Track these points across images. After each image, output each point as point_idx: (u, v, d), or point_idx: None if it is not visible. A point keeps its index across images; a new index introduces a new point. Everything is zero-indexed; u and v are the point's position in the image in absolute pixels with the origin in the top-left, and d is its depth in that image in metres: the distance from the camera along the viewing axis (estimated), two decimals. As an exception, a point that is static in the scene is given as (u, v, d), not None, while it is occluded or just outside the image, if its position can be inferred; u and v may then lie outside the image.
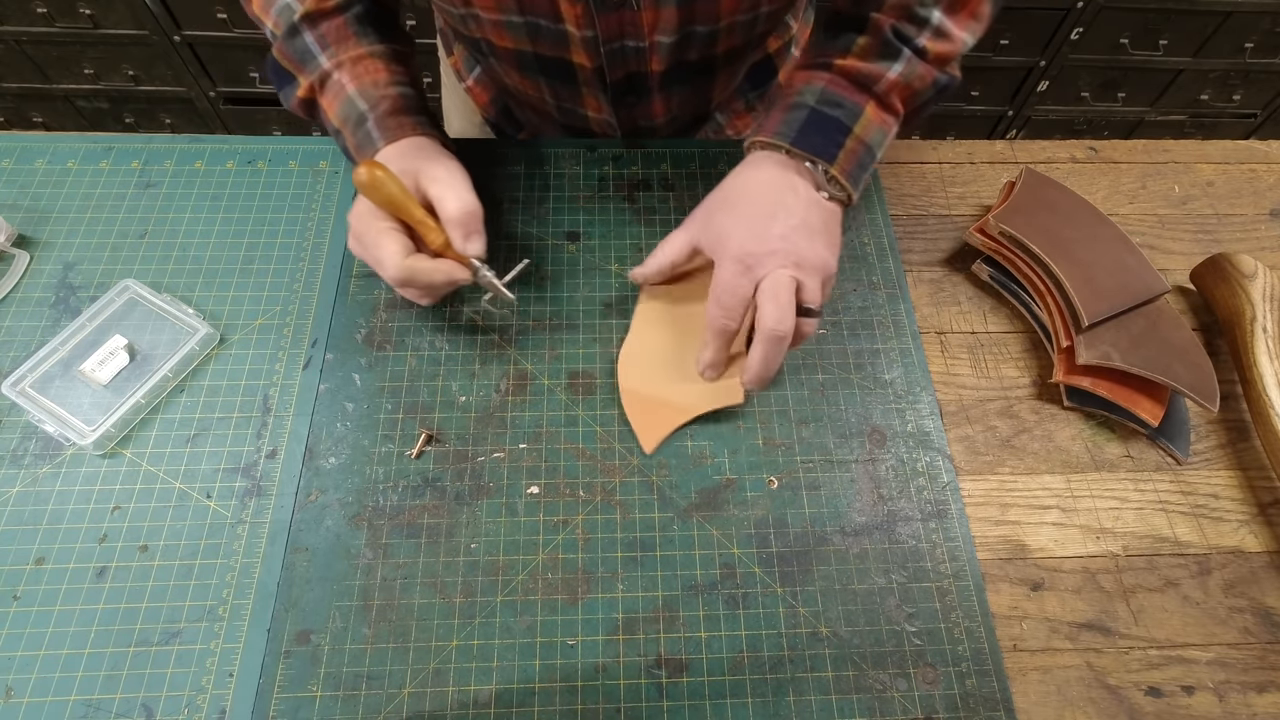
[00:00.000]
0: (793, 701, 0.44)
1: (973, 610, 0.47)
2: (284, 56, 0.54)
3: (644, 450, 0.51)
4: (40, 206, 0.59)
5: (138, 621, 0.45)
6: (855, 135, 0.51)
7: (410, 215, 0.48)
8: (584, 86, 0.62)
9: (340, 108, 0.53)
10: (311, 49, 0.53)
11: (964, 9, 0.52)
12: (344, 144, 0.54)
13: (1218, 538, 0.50)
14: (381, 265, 0.48)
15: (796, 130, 0.51)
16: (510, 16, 0.55)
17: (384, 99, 0.52)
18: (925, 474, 0.51)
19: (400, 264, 0.47)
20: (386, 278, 0.48)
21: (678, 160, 0.64)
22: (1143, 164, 0.67)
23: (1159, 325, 0.53)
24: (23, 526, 0.48)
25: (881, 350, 0.56)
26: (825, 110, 0.51)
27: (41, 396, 0.51)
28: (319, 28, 0.53)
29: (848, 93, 0.52)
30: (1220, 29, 1.44)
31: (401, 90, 0.53)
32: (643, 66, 0.60)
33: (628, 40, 0.57)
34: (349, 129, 0.53)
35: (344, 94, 0.52)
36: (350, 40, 0.53)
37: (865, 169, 0.52)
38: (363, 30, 0.54)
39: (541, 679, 0.44)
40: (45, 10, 1.36)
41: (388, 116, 0.52)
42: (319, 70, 0.53)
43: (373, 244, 0.48)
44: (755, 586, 0.47)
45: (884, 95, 0.52)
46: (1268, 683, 0.46)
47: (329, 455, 0.51)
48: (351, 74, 0.52)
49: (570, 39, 0.56)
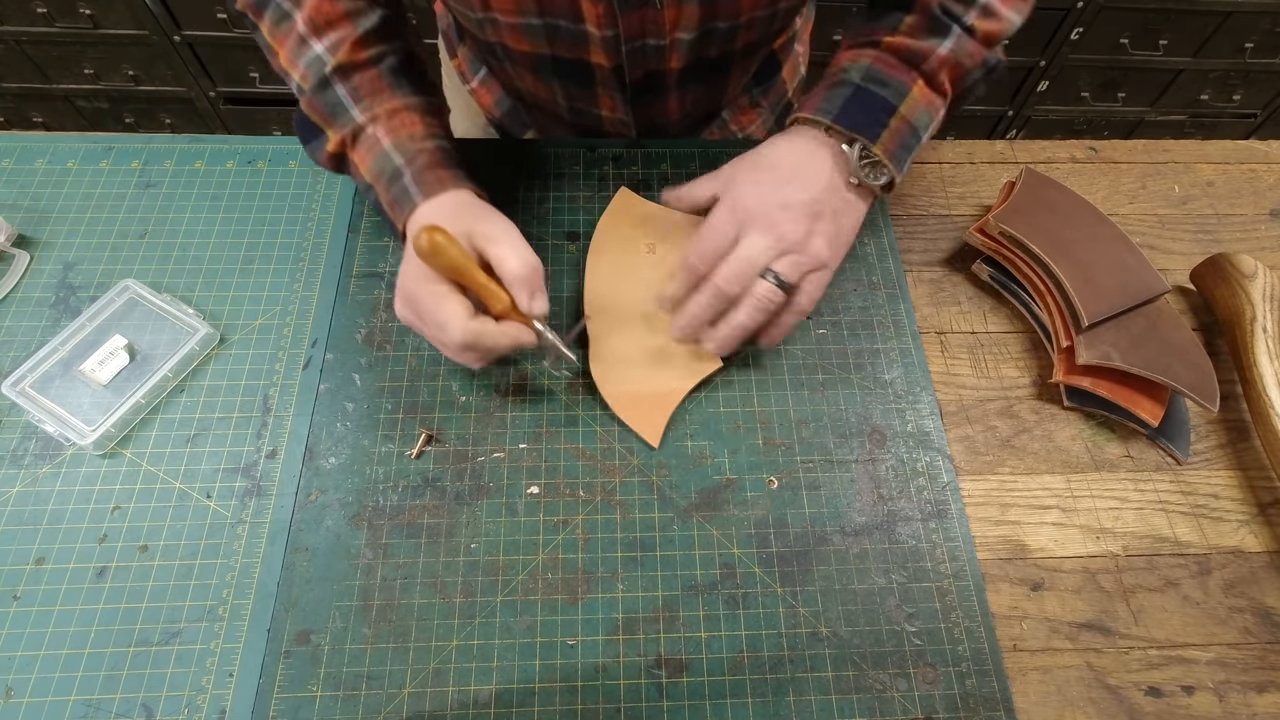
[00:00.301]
0: (793, 701, 0.44)
1: (973, 610, 0.47)
2: (314, 110, 0.52)
3: (651, 445, 0.51)
4: (40, 206, 0.59)
5: (138, 621, 0.45)
6: (900, 114, 0.50)
7: (473, 280, 0.46)
8: (600, 87, 0.62)
9: (374, 162, 0.51)
10: (344, 102, 0.51)
11: None
12: (375, 199, 0.51)
13: (1218, 538, 0.50)
14: (445, 330, 0.45)
15: (839, 107, 0.50)
16: (530, 19, 0.54)
17: (421, 153, 0.50)
18: (925, 474, 0.51)
19: (466, 327, 0.45)
20: (450, 343, 0.46)
21: (678, 160, 0.64)
22: (1143, 164, 0.67)
23: (1159, 325, 0.53)
24: (23, 526, 0.48)
25: (881, 350, 0.56)
26: (871, 88, 0.50)
27: (41, 396, 0.51)
28: (352, 80, 0.51)
29: (895, 70, 0.51)
30: (1220, 29, 1.44)
31: (438, 144, 0.51)
32: (662, 64, 0.59)
33: (649, 39, 0.56)
34: (383, 183, 0.50)
35: (379, 148, 0.50)
36: (385, 93, 0.51)
37: (910, 150, 0.51)
38: (397, 82, 0.52)
39: (541, 679, 0.44)
40: (45, 10, 1.36)
41: (425, 171, 0.50)
42: (352, 124, 0.51)
43: (433, 309, 0.45)
44: (755, 586, 0.47)
45: (933, 73, 0.51)
46: (1268, 683, 0.46)
47: (329, 455, 0.51)
48: (387, 127, 0.50)
49: (590, 39, 0.56)
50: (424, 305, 0.46)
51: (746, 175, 0.51)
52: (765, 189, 0.50)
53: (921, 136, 0.52)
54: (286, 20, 0.51)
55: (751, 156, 0.52)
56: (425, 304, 0.46)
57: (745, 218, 0.49)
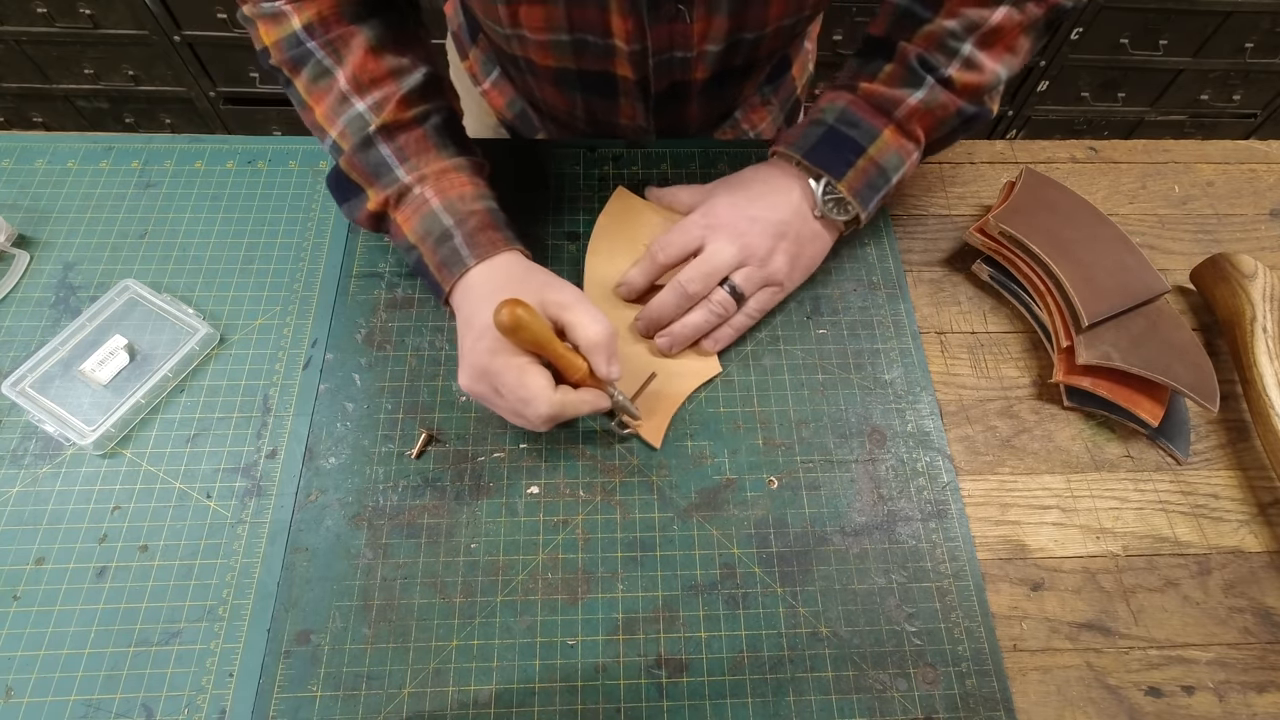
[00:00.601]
0: (793, 701, 0.44)
1: (973, 610, 0.47)
2: (354, 169, 0.51)
3: (654, 446, 0.51)
4: (40, 206, 0.59)
5: (138, 621, 0.45)
6: (869, 155, 0.53)
7: (553, 350, 0.45)
8: (623, 97, 0.63)
9: (420, 223, 0.50)
10: (388, 161, 0.50)
11: (999, 42, 0.53)
12: (419, 259, 0.50)
13: (1218, 538, 0.50)
14: (530, 404, 0.45)
15: (811, 145, 0.53)
16: (559, 35, 0.55)
17: (472, 214, 0.49)
18: (925, 474, 0.51)
19: (553, 399, 0.45)
20: (535, 416, 0.45)
21: (677, 160, 0.64)
22: (1143, 164, 0.67)
23: (1159, 325, 0.53)
24: (23, 526, 0.48)
25: (881, 350, 0.56)
26: (842, 129, 0.53)
27: (41, 396, 0.51)
28: (397, 140, 0.50)
29: (867, 115, 0.53)
30: (1220, 29, 1.44)
31: (488, 205, 0.51)
32: (687, 75, 0.61)
33: (676, 51, 0.57)
34: (429, 244, 0.49)
35: (426, 208, 0.49)
36: (431, 153, 0.51)
37: (877, 190, 0.54)
38: (442, 142, 0.51)
39: (541, 679, 0.44)
40: (45, 10, 1.36)
41: (478, 232, 0.49)
42: (397, 184, 0.50)
43: (516, 384, 0.45)
44: (755, 586, 0.47)
45: (903, 121, 0.53)
46: (1268, 683, 0.46)
47: (329, 455, 0.51)
48: (435, 188, 0.50)
49: (616, 53, 0.56)
50: (504, 379, 0.45)
51: (723, 190, 0.55)
52: (738, 203, 0.53)
53: (891, 178, 0.54)
54: (326, 76, 0.50)
55: (732, 177, 0.57)
56: (506, 378, 0.45)
57: (715, 224, 0.52)
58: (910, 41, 0.53)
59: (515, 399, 0.45)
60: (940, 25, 0.52)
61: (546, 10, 0.53)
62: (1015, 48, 0.54)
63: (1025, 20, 0.53)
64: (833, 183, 0.53)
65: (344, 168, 0.51)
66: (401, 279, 0.57)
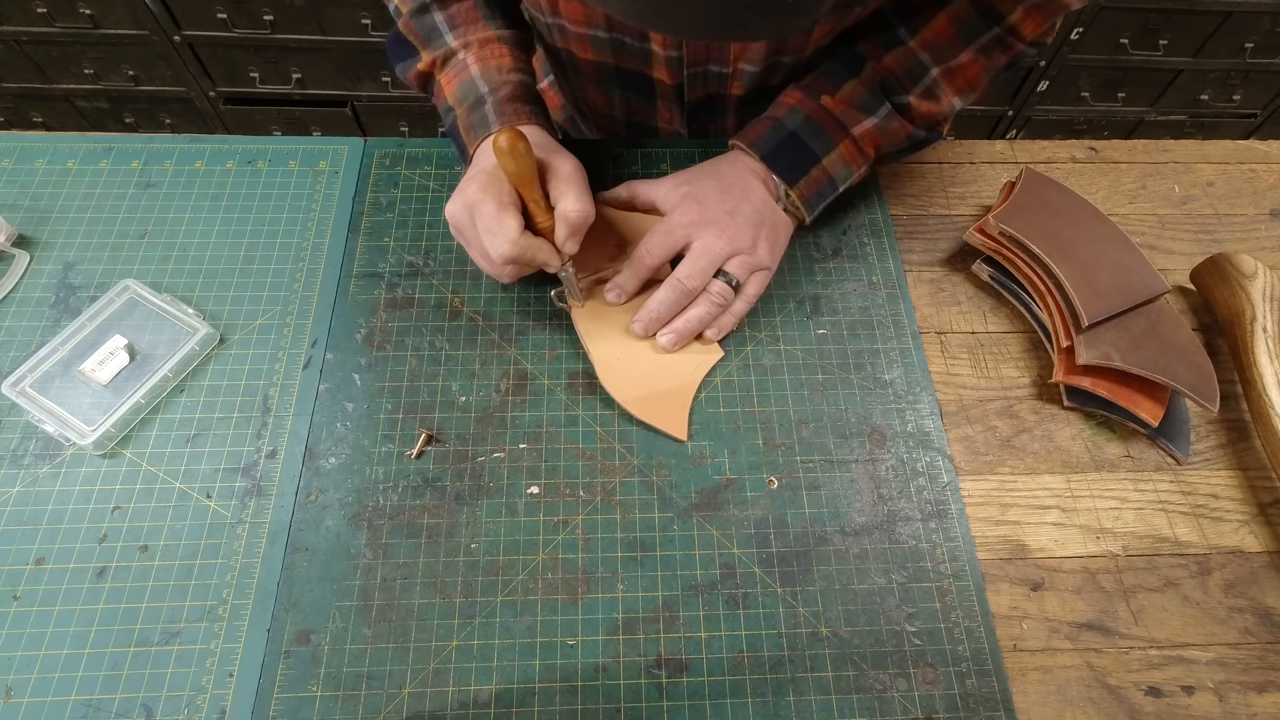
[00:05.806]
0: (793, 701, 0.44)
1: (973, 610, 0.47)
2: (410, 31, 0.56)
3: (680, 440, 0.52)
4: (40, 206, 0.59)
5: (138, 621, 0.45)
6: (822, 166, 0.56)
7: (531, 195, 0.49)
8: (660, 100, 0.64)
9: (459, 87, 0.54)
10: (439, 27, 0.55)
11: (961, 76, 0.56)
12: (453, 121, 0.55)
13: (1218, 538, 0.50)
14: (496, 238, 0.48)
15: (771, 148, 0.56)
16: (597, 31, 0.57)
17: (505, 84, 0.53)
18: (925, 474, 0.51)
19: (517, 240, 0.48)
20: (496, 252, 0.48)
21: (677, 160, 0.64)
22: (1143, 164, 0.67)
23: (1159, 325, 0.53)
24: (23, 526, 0.48)
25: (881, 350, 0.56)
26: (802, 138, 0.55)
27: (41, 396, 0.51)
28: (449, 8, 0.55)
29: (827, 127, 0.55)
30: (1220, 29, 1.44)
31: (522, 78, 0.55)
32: (722, 89, 0.62)
33: (712, 64, 0.59)
34: (464, 108, 0.54)
35: (466, 74, 0.54)
36: (479, 22, 0.55)
37: (824, 198, 0.57)
38: (490, 14, 0.56)
39: (541, 679, 0.44)
40: (45, 10, 1.36)
41: (506, 102, 0.53)
42: (444, 48, 0.55)
43: (491, 218, 0.48)
44: (755, 586, 0.47)
45: (857, 139, 0.56)
46: (1268, 683, 0.46)
47: (329, 455, 0.51)
48: (477, 55, 0.54)
49: (654, 56, 0.58)
50: (482, 210, 0.48)
51: (692, 189, 0.55)
52: (714, 198, 0.54)
53: (838, 188, 0.57)
54: None
55: (697, 171, 0.56)
56: (484, 209, 0.48)
57: (699, 220, 0.53)
58: (881, 60, 0.55)
59: (485, 230, 0.48)
60: (912, 50, 0.55)
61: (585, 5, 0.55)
62: (976, 84, 0.57)
63: (989, 64, 0.56)
64: (786, 190, 0.55)
65: (402, 29, 0.57)
66: (401, 279, 0.57)
